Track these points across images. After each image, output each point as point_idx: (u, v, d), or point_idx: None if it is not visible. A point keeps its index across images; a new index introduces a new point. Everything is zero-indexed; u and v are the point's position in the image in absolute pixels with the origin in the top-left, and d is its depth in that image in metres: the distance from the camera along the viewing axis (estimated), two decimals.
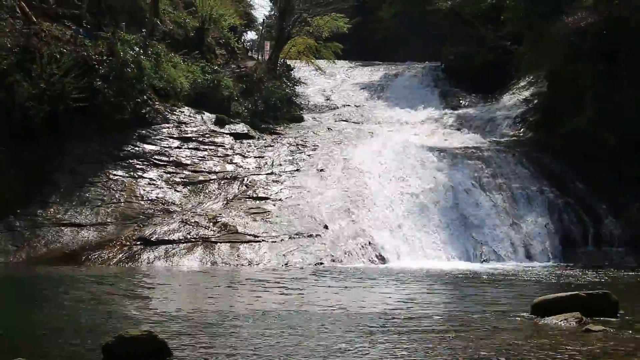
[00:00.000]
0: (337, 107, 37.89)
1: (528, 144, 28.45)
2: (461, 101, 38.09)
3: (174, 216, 21.19)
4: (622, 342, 7.68)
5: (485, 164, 25.37)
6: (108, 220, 20.87)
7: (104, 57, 24.92)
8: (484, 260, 20.63)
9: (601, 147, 24.30)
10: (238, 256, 18.81)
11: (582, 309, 9.42)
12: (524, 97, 34.55)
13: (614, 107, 24.28)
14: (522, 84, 35.92)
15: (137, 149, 24.64)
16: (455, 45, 41.37)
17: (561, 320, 9.13)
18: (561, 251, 21.67)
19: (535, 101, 32.73)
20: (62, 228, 20.22)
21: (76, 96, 22.55)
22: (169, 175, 23.79)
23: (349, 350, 7.44)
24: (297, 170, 25.09)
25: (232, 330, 8.69)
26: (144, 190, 22.67)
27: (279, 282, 14.98)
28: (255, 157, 26.32)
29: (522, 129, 31.19)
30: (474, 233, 21.75)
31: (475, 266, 19.44)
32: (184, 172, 24.22)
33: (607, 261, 20.91)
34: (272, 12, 56.57)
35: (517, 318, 9.76)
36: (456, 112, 35.77)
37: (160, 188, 22.98)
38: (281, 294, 13.13)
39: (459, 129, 32.04)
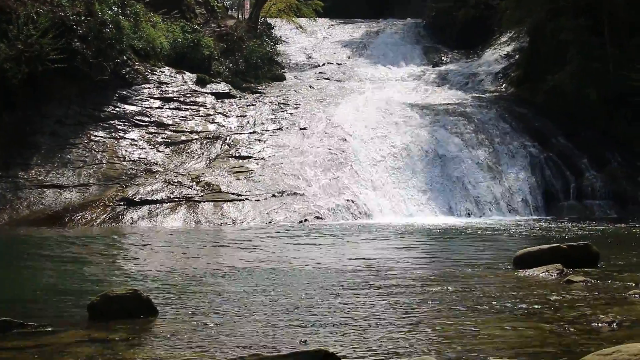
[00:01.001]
0: (319, 65, 37.73)
1: (510, 100, 28.55)
2: (443, 57, 38.06)
3: (157, 176, 21.15)
4: (602, 291, 7.78)
5: (468, 120, 25.44)
6: (90, 182, 20.82)
7: (82, 18, 24.61)
8: (467, 215, 20.81)
9: (583, 102, 24.42)
10: (222, 215, 18.84)
11: (564, 261, 9.51)
12: (506, 53, 34.60)
13: (596, 63, 24.31)
14: (503, 39, 35.91)
15: (117, 109, 24.48)
16: (437, 1, 41.15)
17: (543, 272, 9.21)
18: (543, 205, 21.90)
19: (517, 57, 32.75)
20: (44, 190, 20.15)
21: (55, 57, 22.30)
22: (150, 135, 23.70)
23: (324, 304, 7.49)
24: (280, 129, 25.06)
25: (215, 288, 8.73)
26: (125, 151, 22.58)
27: (261, 240, 15.02)
28: (237, 117, 26.25)
29: (503, 85, 31.27)
30: (456, 188, 21.89)
31: (458, 221, 19.59)
32: (166, 132, 24.13)
33: (588, 214, 21.17)
34: None
35: (499, 271, 9.85)
36: (438, 68, 35.77)
37: (142, 148, 22.90)
38: (263, 252, 13.16)
39: (441, 86, 32.04)
